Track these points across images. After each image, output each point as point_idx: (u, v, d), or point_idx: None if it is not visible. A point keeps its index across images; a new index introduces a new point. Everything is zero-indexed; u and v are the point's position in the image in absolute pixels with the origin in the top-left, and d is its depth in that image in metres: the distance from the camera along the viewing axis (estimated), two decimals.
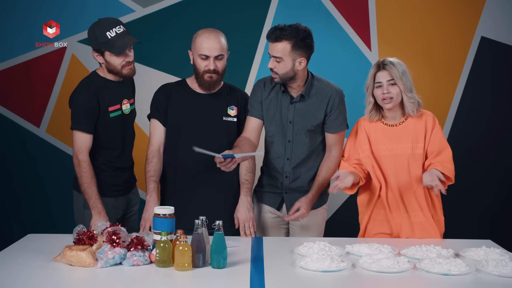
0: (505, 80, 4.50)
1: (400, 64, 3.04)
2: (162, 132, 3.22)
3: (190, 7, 4.39)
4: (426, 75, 4.46)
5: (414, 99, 3.04)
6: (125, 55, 3.09)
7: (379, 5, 4.43)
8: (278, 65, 3.07)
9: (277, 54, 3.05)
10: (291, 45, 3.04)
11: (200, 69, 3.14)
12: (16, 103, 4.42)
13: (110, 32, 3.05)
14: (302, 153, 3.20)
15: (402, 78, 3.00)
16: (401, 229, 3.08)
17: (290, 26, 3.05)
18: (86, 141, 3.08)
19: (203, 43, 3.11)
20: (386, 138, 3.08)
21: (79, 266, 2.53)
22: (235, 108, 3.26)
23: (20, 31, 4.36)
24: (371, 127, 3.11)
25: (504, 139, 4.51)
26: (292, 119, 3.16)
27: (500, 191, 4.53)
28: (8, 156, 4.44)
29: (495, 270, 2.47)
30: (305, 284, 2.41)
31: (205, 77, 3.14)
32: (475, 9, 4.45)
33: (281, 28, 3.04)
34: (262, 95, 3.21)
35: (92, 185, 3.07)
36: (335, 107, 3.18)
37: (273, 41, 3.05)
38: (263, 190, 3.30)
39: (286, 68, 3.07)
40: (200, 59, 3.12)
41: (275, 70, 3.09)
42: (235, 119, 3.26)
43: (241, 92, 3.35)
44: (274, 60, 3.07)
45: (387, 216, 3.09)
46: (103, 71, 3.17)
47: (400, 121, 3.09)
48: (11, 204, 4.46)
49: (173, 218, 2.64)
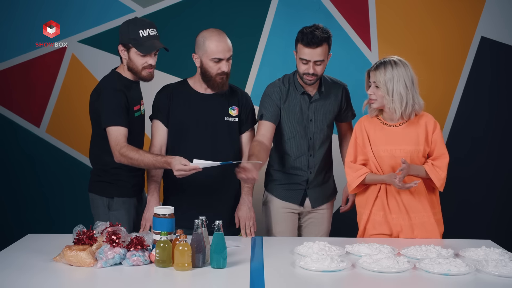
0: (505, 80, 4.49)
1: (394, 68, 2.99)
2: (164, 133, 3.23)
3: (190, 7, 4.39)
4: (426, 75, 4.45)
5: (402, 104, 2.99)
6: (149, 57, 3.10)
7: (379, 5, 4.42)
8: (318, 67, 3.18)
9: (320, 58, 3.16)
10: (328, 45, 3.19)
11: (213, 72, 3.14)
12: (16, 103, 4.42)
13: (143, 31, 3.08)
14: (322, 147, 3.35)
15: (387, 84, 2.98)
16: (401, 230, 3.08)
17: (318, 27, 3.17)
18: (122, 134, 3.03)
19: (216, 47, 3.11)
20: (385, 139, 3.07)
21: (79, 266, 2.53)
22: (236, 108, 3.27)
23: (20, 31, 4.36)
24: (371, 128, 3.11)
25: (504, 139, 4.50)
26: (313, 117, 3.29)
27: (500, 191, 4.52)
28: (8, 156, 4.44)
29: (495, 270, 2.47)
30: (305, 284, 2.41)
31: (218, 79, 3.16)
32: (475, 9, 4.44)
33: (318, 32, 3.13)
34: (281, 100, 3.28)
35: (150, 156, 3.00)
36: (347, 99, 3.41)
37: (316, 46, 3.13)
38: (283, 189, 3.37)
39: (324, 68, 3.23)
40: (213, 63, 3.13)
41: (316, 73, 3.19)
42: (236, 119, 3.27)
43: (242, 92, 3.36)
44: (314, 64, 3.16)
45: (387, 217, 3.08)
46: (123, 69, 3.17)
47: (400, 122, 3.08)
48: (11, 204, 4.45)
49: (173, 218, 2.64)
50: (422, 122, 3.07)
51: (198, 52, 3.17)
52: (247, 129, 3.32)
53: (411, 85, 3.02)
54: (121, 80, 3.15)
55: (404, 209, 3.06)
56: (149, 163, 2.99)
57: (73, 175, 4.44)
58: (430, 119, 3.09)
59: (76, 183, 4.41)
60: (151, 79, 3.18)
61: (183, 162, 2.89)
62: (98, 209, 3.18)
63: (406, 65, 3.04)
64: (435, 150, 3.06)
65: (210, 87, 3.20)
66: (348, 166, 3.14)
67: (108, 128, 3.04)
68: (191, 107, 3.22)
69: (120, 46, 3.13)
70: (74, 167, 4.44)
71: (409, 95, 3.01)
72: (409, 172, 2.97)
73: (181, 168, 2.88)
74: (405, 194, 3.05)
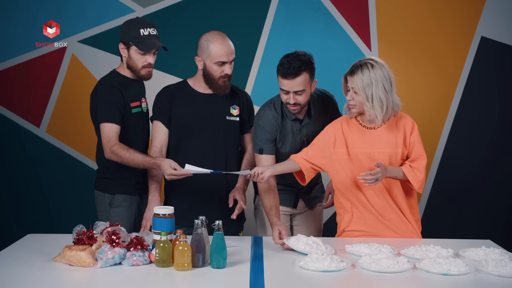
0: (505, 80, 4.50)
1: (371, 71, 2.90)
2: (165, 133, 3.24)
3: (190, 7, 4.39)
4: (426, 75, 4.46)
5: (383, 108, 2.92)
6: (149, 56, 3.14)
7: (379, 5, 4.43)
8: (299, 97, 3.04)
9: (299, 88, 3.01)
10: (309, 73, 3.02)
11: (216, 75, 3.17)
12: (16, 103, 4.42)
13: (144, 30, 3.12)
14: None
15: (366, 89, 2.90)
16: (379, 231, 3.04)
17: (297, 55, 3.00)
18: (114, 131, 3.08)
19: (220, 50, 3.12)
20: (364, 142, 3.01)
21: (78, 266, 2.53)
22: (237, 107, 3.29)
23: (20, 31, 4.37)
24: (349, 130, 3.04)
25: (504, 139, 4.50)
26: (305, 139, 3.22)
27: (500, 191, 4.52)
28: (8, 156, 4.44)
29: (494, 270, 2.47)
30: (304, 284, 2.41)
31: (221, 82, 3.18)
32: (475, 9, 4.44)
33: (296, 61, 2.98)
34: (277, 131, 3.17)
35: (139, 156, 3.04)
36: (335, 110, 3.33)
37: (294, 76, 2.98)
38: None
39: (307, 96, 3.08)
40: (217, 66, 3.14)
41: (298, 103, 3.05)
42: (237, 119, 3.29)
43: (242, 92, 3.38)
44: (295, 94, 3.02)
45: (365, 219, 3.05)
46: (123, 68, 3.21)
47: (379, 124, 3.01)
48: (11, 204, 4.45)
49: (172, 218, 2.64)
50: (400, 124, 3.00)
51: (202, 55, 3.17)
52: (250, 128, 3.34)
53: (389, 88, 2.92)
54: (119, 78, 3.18)
55: (382, 210, 3.02)
56: (138, 163, 3.03)
57: (73, 175, 4.44)
58: (408, 120, 3.02)
59: (76, 183, 4.41)
60: (149, 78, 3.22)
61: (173, 166, 2.93)
62: (101, 206, 3.22)
63: (383, 66, 2.92)
64: (413, 151, 2.99)
65: (213, 89, 3.21)
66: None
67: (102, 124, 3.10)
68: (193, 107, 3.23)
69: (121, 44, 3.17)
70: (74, 167, 4.44)
71: (389, 98, 2.92)
72: (386, 174, 2.91)
73: (171, 172, 2.93)
74: (383, 197, 3.02)
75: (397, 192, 3.01)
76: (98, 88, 3.17)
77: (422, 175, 2.97)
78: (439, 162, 4.49)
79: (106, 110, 3.09)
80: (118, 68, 3.23)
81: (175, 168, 2.93)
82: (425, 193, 4.49)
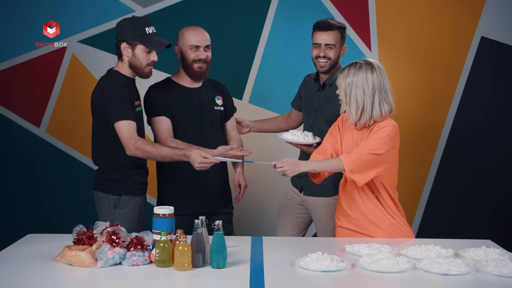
0: (505, 80, 4.50)
1: (355, 73, 2.90)
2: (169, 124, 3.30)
3: (190, 7, 4.39)
4: (426, 75, 4.46)
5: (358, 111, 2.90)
6: (153, 54, 3.17)
7: (379, 5, 4.43)
8: (330, 51, 3.37)
9: (331, 42, 3.36)
10: (340, 33, 3.39)
11: (189, 59, 3.32)
12: (16, 103, 4.42)
13: (148, 29, 3.16)
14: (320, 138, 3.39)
15: (346, 88, 2.92)
16: (367, 228, 3.04)
17: (332, 19, 3.42)
18: (133, 127, 3.06)
19: (193, 36, 3.32)
20: (351, 143, 3.02)
21: (78, 266, 2.53)
22: (220, 98, 3.47)
23: (20, 31, 4.36)
24: (344, 128, 3.08)
25: (504, 139, 4.51)
26: (316, 106, 3.39)
27: (500, 191, 4.52)
28: (8, 156, 4.44)
29: (494, 270, 2.47)
30: (304, 284, 2.41)
31: (195, 67, 3.32)
32: (475, 9, 4.44)
33: (331, 21, 3.38)
34: (303, 87, 3.57)
35: (167, 149, 3.05)
36: None
37: (326, 30, 3.35)
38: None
39: (336, 54, 3.39)
40: (190, 50, 3.30)
41: (328, 57, 3.36)
42: (222, 108, 3.47)
43: (220, 83, 3.54)
44: (326, 47, 3.35)
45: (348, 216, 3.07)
46: (122, 67, 3.19)
47: (363, 126, 2.99)
48: (11, 204, 4.45)
49: (172, 218, 2.64)
50: (382, 125, 2.95)
51: (178, 44, 3.36)
52: (231, 116, 3.55)
53: (371, 92, 2.89)
54: (120, 77, 3.18)
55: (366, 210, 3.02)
56: (166, 156, 3.03)
57: (73, 175, 4.44)
58: (388, 122, 2.94)
59: (76, 183, 4.41)
60: (150, 75, 3.23)
61: (204, 155, 2.95)
62: (103, 207, 3.18)
63: (375, 71, 2.90)
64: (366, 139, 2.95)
65: (190, 76, 3.35)
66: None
67: (117, 122, 3.05)
68: (184, 101, 3.33)
69: (124, 43, 3.14)
70: (74, 167, 4.44)
71: (367, 102, 2.90)
72: (299, 169, 2.91)
73: (202, 161, 2.95)
74: (364, 197, 3.02)
75: (381, 191, 3.01)
76: (104, 87, 3.13)
77: (354, 156, 2.88)
78: (439, 162, 4.50)
79: (120, 108, 3.06)
80: (117, 67, 3.21)
81: (206, 156, 2.94)
82: (425, 193, 4.49)
